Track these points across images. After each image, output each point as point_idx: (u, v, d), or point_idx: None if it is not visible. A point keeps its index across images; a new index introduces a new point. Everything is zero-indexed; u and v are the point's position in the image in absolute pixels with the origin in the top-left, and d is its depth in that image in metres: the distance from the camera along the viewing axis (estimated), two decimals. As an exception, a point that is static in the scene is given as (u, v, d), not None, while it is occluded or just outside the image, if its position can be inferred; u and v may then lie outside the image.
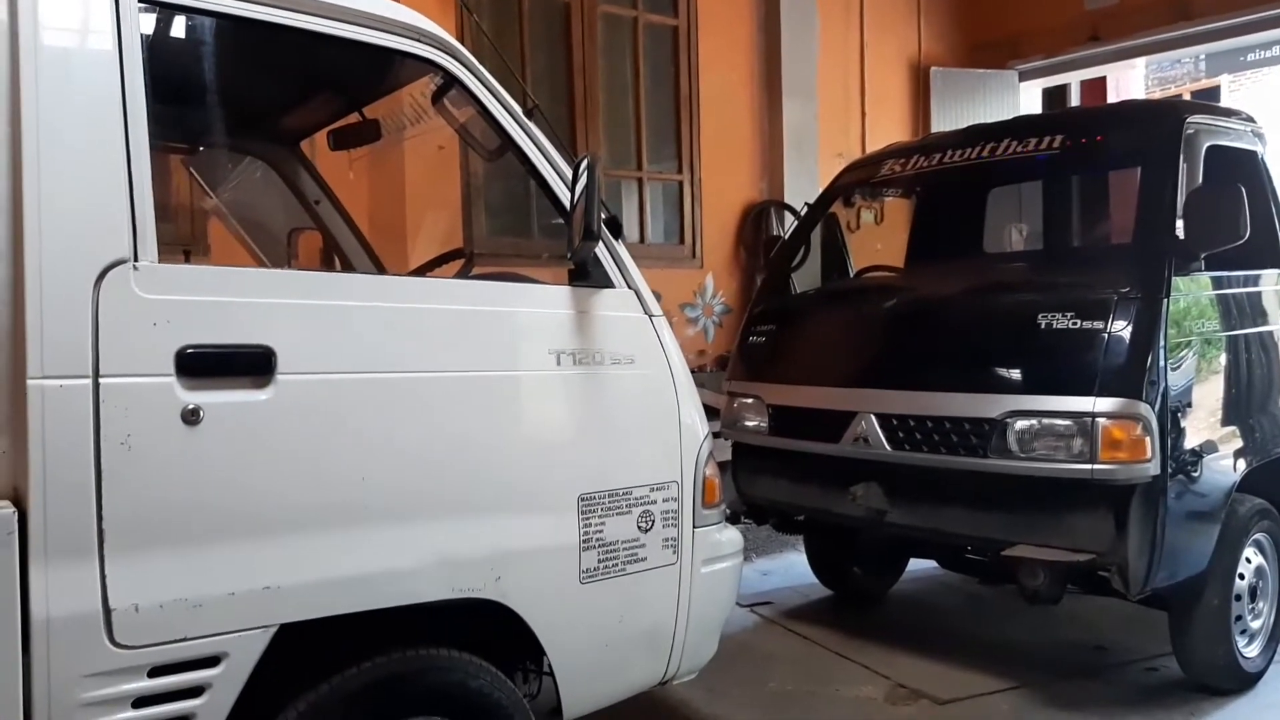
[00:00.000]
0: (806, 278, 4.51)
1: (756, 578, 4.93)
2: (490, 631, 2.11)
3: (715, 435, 4.48)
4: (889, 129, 6.68)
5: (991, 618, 4.28)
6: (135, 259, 1.64)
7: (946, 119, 6.74)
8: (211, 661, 1.69)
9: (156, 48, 2.09)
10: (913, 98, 7.30)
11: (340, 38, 2.00)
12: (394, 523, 1.88)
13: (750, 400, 4.02)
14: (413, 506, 1.91)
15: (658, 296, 6.03)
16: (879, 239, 5.72)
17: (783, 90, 6.27)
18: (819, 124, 6.49)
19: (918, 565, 4.60)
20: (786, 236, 5.11)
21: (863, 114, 6.93)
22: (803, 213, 4.97)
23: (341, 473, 1.82)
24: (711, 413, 4.80)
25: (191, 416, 1.65)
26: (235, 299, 1.74)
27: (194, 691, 1.67)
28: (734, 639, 3.95)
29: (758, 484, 4.09)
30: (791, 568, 4.95)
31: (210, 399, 1.68)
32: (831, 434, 3.57)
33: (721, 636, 2.57)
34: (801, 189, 6.04)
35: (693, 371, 6.03)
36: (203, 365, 1.67)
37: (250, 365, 1.73)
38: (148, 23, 1.89)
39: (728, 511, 4.37)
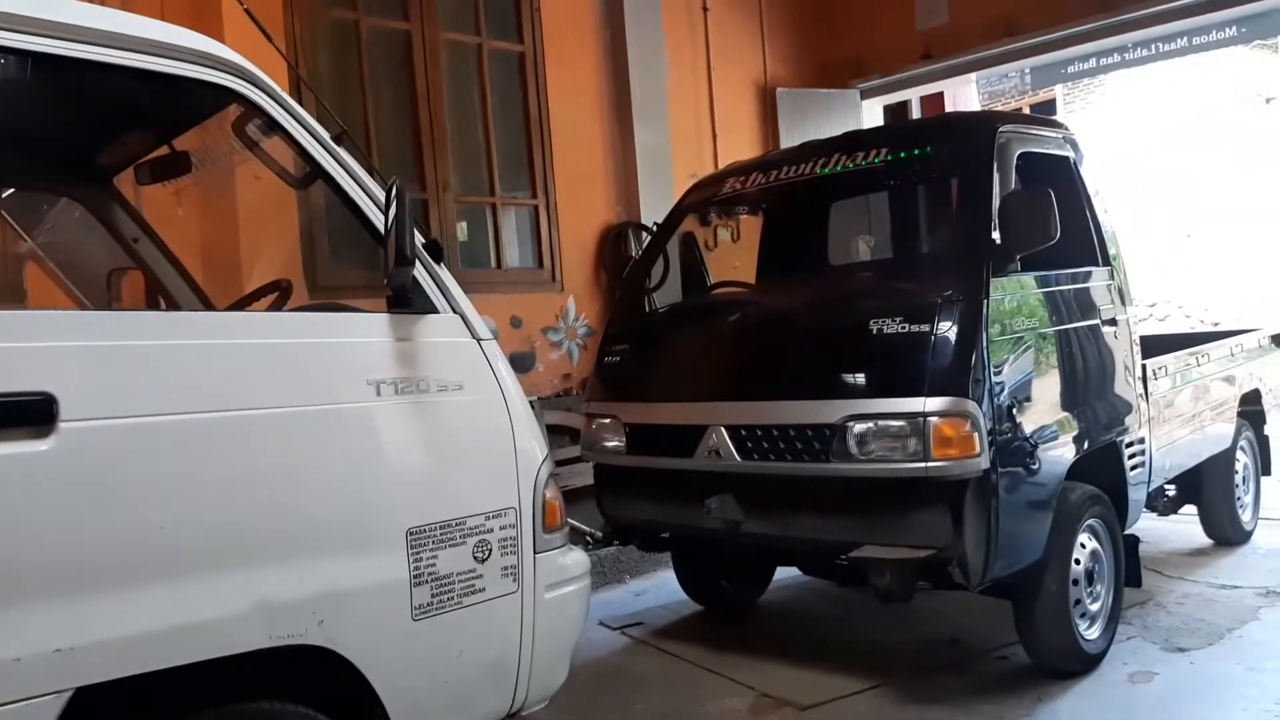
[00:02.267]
0: (669, 297, 4.55)
1: (629, 599, 4.93)
2: (325, 678, 2.03)
3: (577, 460, 4.49)
4: (740, 148, 6.82)
5: (855, 620, 4.38)
6: (-112, 307, 1.51)
7: (794, 137, 6.91)
8: (-2, 735, 1.56)
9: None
10: (761, 117, 7.50)
11: (130, 68, 1.91)
12: (200, 571, 1.78)
13: (608, 420, 4.02)
14: (220, 552, 1.81)
15: (518, 322, 5.99)
16: (736, 256, 5.83)
17: (633, 113, 6.34)
18: (672, 146, 6.58)
19: (785, 574, 4.68)
20: (638, 256, 5.16)
21: (714, 135, 7.07)
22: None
23: (137, 522, 1.71)
24: (577, 435, 4.80)
25: (-40, 473, 1.54)
26: (9, 344, 1.63)
27: (-22, 770, 1.55)
28: (603, 662, 3.93)
29: (620, 504, 4.08)
30: (663, 586, 4.96)
31: (-18, 452, 1.56)
32: (686, 449, 3.59)
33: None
34: (658, 210, 6.08)
35: (558, 395, 6.04)
36: (-29, 417, 1.56)
37: (28, 414, 1.62)
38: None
39: (599, 533, 4.38)
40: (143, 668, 1.70)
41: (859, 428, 3.13)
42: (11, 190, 3.13)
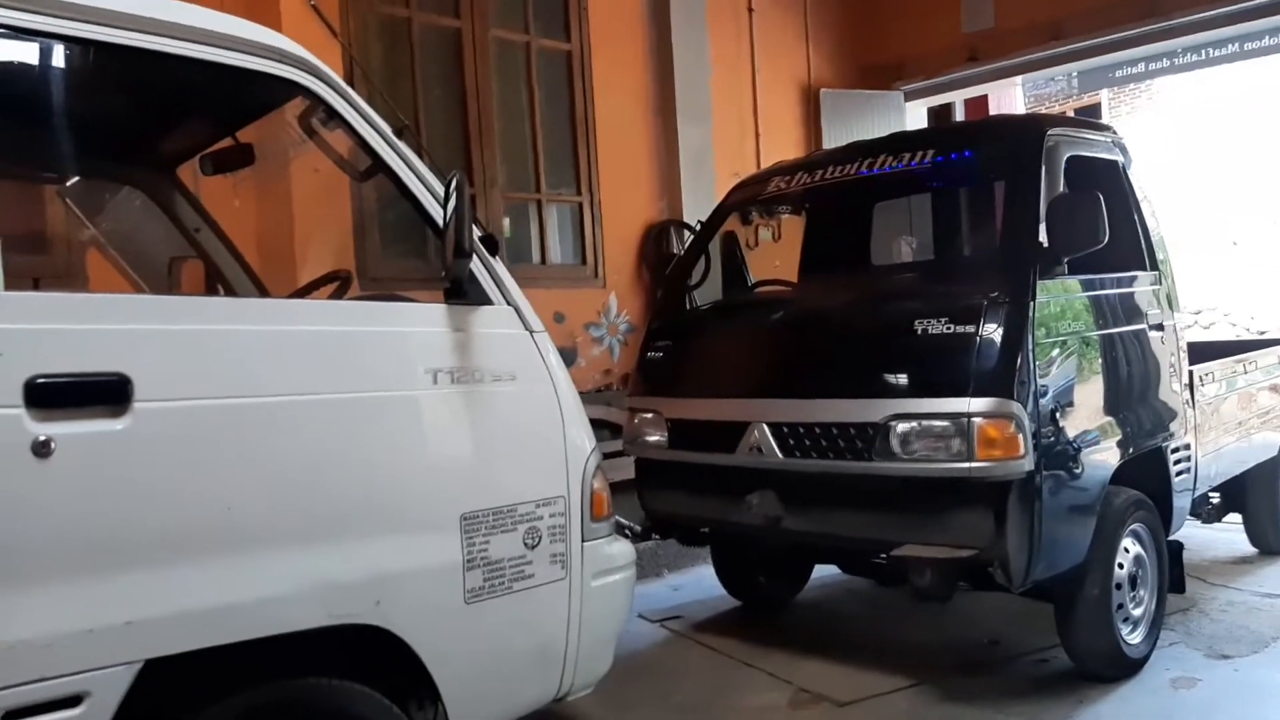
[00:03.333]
0: (709, 296, 4.58)
1: (668, 592, 4.96)
2: (379, 657, 2.08)
3: (618, 454, 4.53)
4: (783, 148, 6.82)
5: (892, 619, 4.38)
6: (-23, 288, 1.59)
7: (837, 138, 6.91)
8: (72, 701, 1.62)
9: (9, 74, 2.04)
10: (804, 118, 7.49)
11: (200, 60, 1.97)
12: (265, 550, 1.84)
13: (650, 415, 4.05)
14: (284, 533, 1.87)
15: (561, 317, 6.05)
16: (777, 256, 5.84)
17: (678, 112, 6.37)
18: (715, 145, 6.60)
19: (823, 571, 4.69)
20: (680, 254, 5.19)
21: (756, 134, 7.08)
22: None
23: (206, 502, 1.77)
24: (617, 430, 4.84)
25: (42, 449, 1.60)
26: (87, 326, 1.70)
27: (54, 733, 1.61)
28: (642, 654, 3.97)
29: (661, 498, 4.12)
30: (702, 581, 4.99)
31: (62, 430, 1.62)
32: (727, 444, 3.62)
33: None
34: (700, 208, 6.11)
35: (600, 390, 6.09)
36: (53, 395, 1.62)
37: (104, 394, 1.68)
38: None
39: (638, 527, 4.41)
40: (210, 641, 1.76)
41: (902, 427, 3.14)
42: (78, 178, 3.23)
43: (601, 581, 2.43)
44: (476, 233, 2.23)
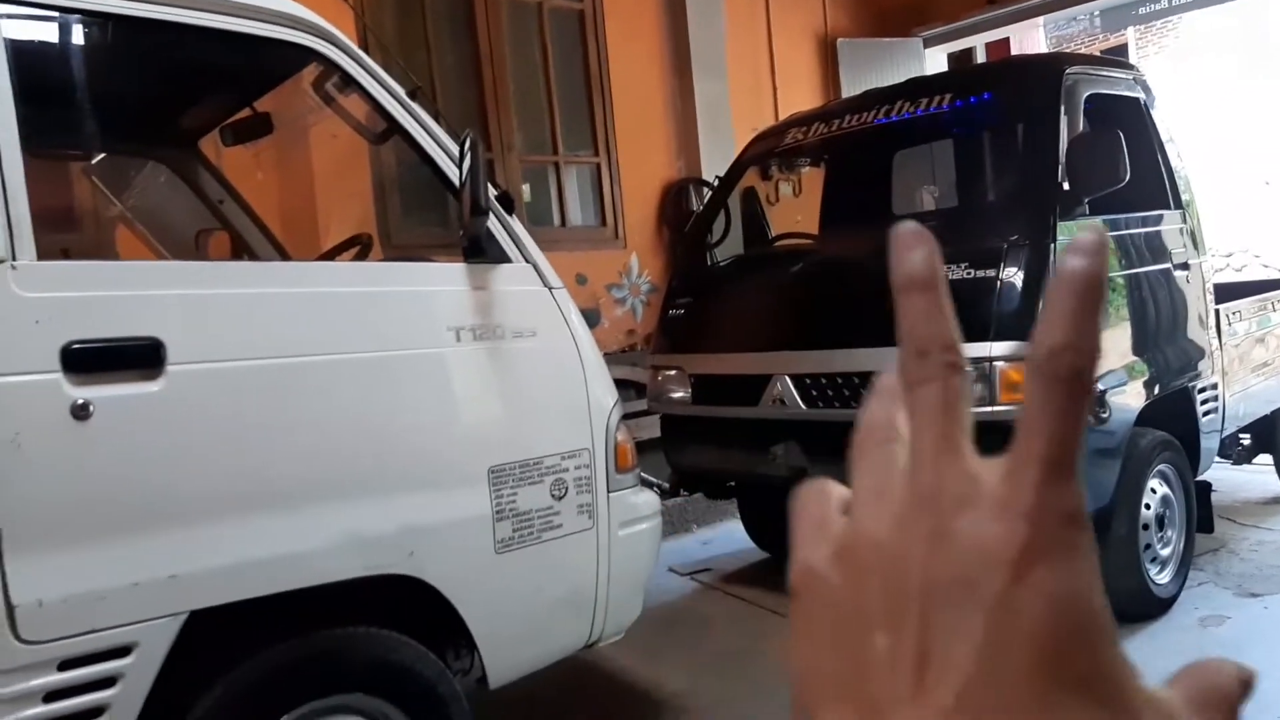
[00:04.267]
0: (729, 252, 4.58)
1: (697, 547, 5.02)
2: (418, 609, 2.15)
3: (644, 413, 4.57)
4: (801, 101, 6.76)
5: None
6: (13, 258, 1.64)
7: (856, 88, 6.79)
8: (122, 652, 1.70)
9: (28, 52, 2.08)
10: (822, 69, 7.42)
11: (214, 29, 2.00)
12: (300, 505, 1.90)
13: (673, 372, 4.08)
14: (318, 488, 1.93)
15: (583, 279, 6.06)
16: (798, 210, 5.81)
17: (693, 69, 6.33)
18: (731, 100, 6.56)
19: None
20: (700, 210, 5.19)
21: (774, 88, 7.02)
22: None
23: (241, 459, 1.83)
24: (642, 390, 4.88)
25: (81, 412, 1.66)
26: (119, 292, 1.75)
27: (106, 682, 1.69)
28: (673, 605, 4.03)
29: (686, 453, 4.16)
30: (730, 535, 5.04)
31: (99, 393, 1.68)
32: (750, 398, 3.65)
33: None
34: (718, 165, 6.08)
35: (623, 351, 6.11)
36: (89, 360, 1.68)
37: (138, 358, 1.74)
38: (13, 27, 1.87)
39: (665, 484, 4.46)
40: (251, 593, 1.83)
41: (924, 373, 3.14)
42: (104, 155, 3.28)
43: (628, 530, 2.48)
44: (492, 191, 2.26)
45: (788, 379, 3.52)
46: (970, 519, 0.26)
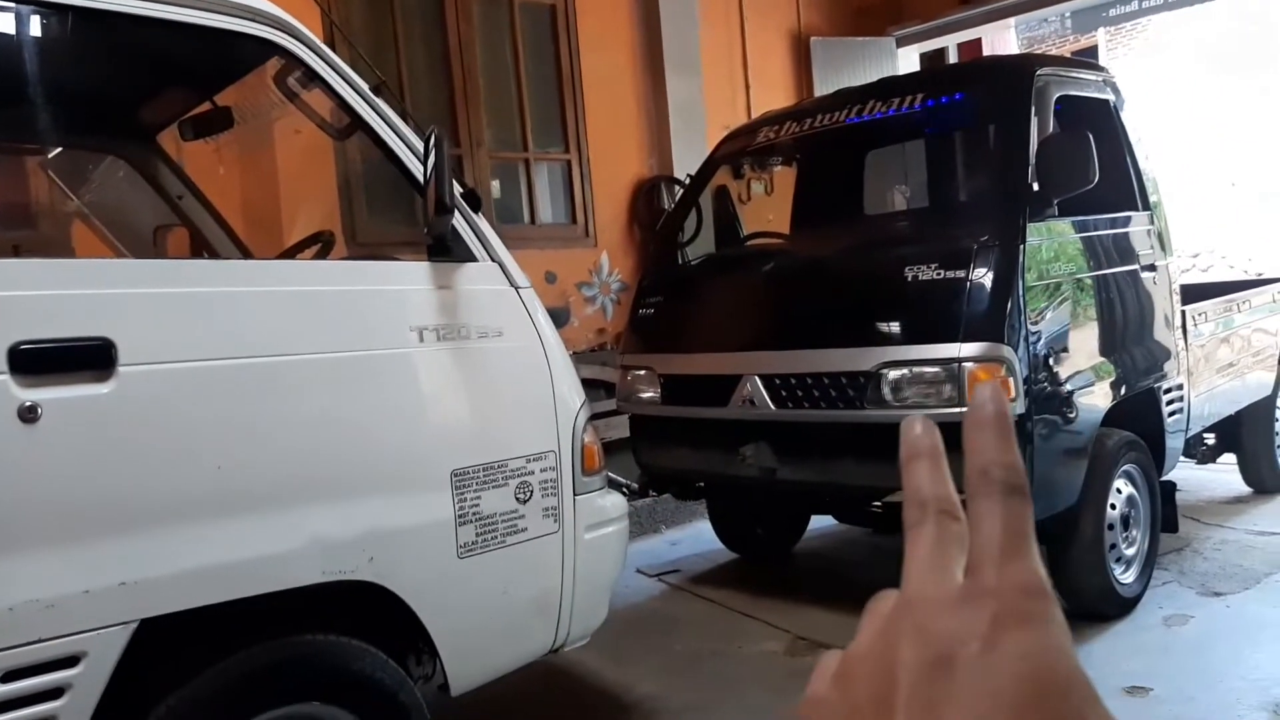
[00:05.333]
0: (701, 251, 4.56)
1: (666, 548, 5.00)
2: (376, 613, 2.11)
3: (613, 413, 4.54)
4: (774, 99, 6.74)
5: (889, 567, 4.32)
6: (-44, 256, 1.58)
7: (829, 87, 6.80)
8: (70, 662, 1.65)
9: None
10: (795, 68, 7.42)
11: (175, 22, 1.95)
12: (256, 509, 1.86)
13: (643, 372, 4.06)
14: (275, 492, 1.89)
15: (552, 277, 6.02)
16: (770, 209, 5.81)
17: (665, 66, 6.30)
18: (704, 98, 6.54)
19: (820, 523, 4.72)
20: (671, 209, 5.17)
21: (747, 86, 7.01)
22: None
23: (194, 463, 1.79)
24: (612, 389, 4.85)
25: (29, 414, 1.61)
26: (69, 291, 1.70)
27: (53, 694, 1.64)
28: (642, 607, 4.01)
29: (656, 454, 4.14)
30: (699, 536, 5.03)
31: (48, 395, 1.63)
32: (720, 398, 3.63)
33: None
34: (691, 164, 6.06)
35: (593, 350, 6.08)
36: (37, 361, 1.63)
37: (89, 359, 1.69)
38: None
39: (634, 484, 4.44)
40: (205, 600, 1.78)
41: (893, 374, 3.15)
42: (60, 149, 3.20)
43: (595, 534, 2.45)
44: (458, 189, 2.22)
45: (758, 379, 3.50)
46: (944, 610, 0.30)
